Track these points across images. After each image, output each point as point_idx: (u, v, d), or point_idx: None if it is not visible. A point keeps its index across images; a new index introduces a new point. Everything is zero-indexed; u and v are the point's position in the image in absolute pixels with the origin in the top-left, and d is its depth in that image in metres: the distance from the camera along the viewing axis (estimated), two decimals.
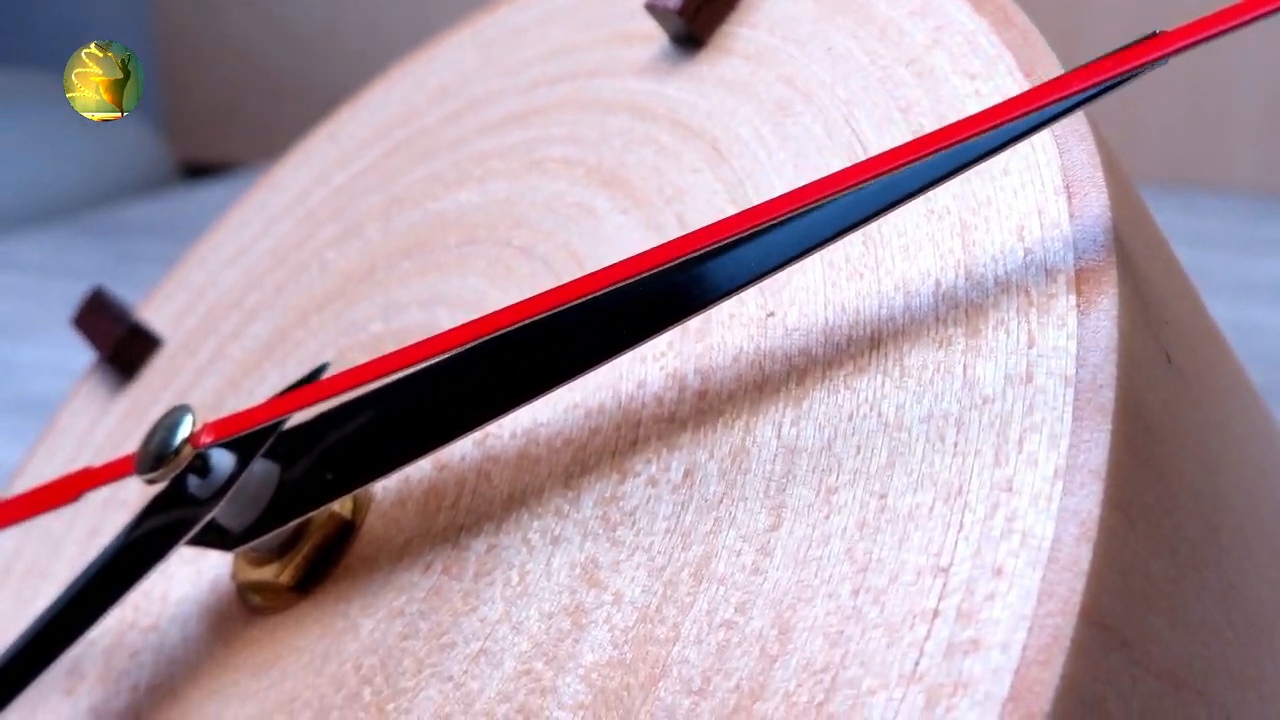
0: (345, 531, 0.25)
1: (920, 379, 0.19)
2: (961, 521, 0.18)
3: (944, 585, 0.17)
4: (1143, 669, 0.17)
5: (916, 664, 0.17)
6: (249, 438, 0.25)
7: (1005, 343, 0.19)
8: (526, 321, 0.23)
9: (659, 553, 0.20)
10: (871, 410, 0.20)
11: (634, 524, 0.21)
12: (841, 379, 0.20)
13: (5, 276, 0.85)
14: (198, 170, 1.20)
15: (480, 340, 0.23)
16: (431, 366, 0.24)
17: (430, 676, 0.22)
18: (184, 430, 0.24)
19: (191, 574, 0.28)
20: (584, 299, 0.23)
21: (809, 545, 0.19)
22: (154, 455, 0.24)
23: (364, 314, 0.30)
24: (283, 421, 0.25)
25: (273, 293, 0.33)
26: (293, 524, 0.25)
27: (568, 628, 0.21)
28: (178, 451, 0.24)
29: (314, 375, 0.25)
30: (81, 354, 0.63)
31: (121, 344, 0.35)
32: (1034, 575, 0.16)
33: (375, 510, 0.25)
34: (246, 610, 0.26)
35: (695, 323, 0.23)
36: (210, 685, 0.25)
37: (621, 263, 0.20)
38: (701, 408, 0.22)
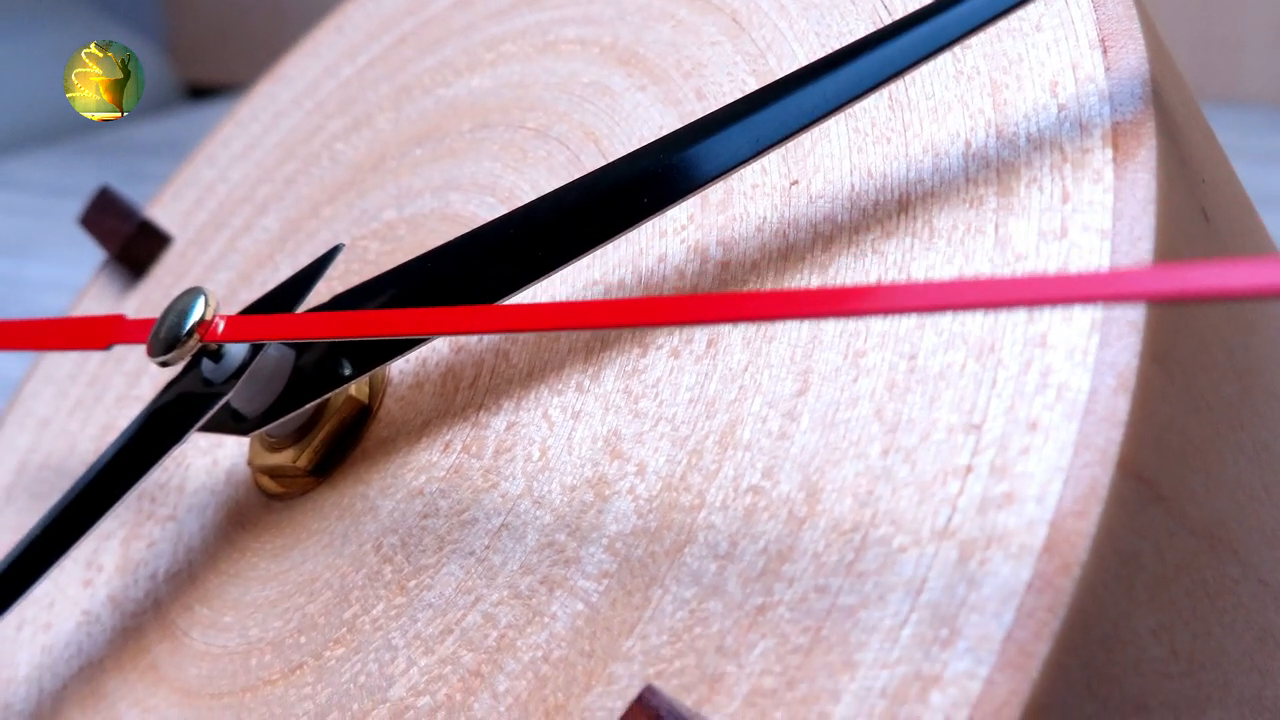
0: (362, 415, 0.25)
1: (950, 240, 0.19)
2: (994, 378, 0.17)
3: (977, 441, 0.17)
4: (1179, 524, 0.17)
5: (949, 520, 0.16)
6: None
7: (1039, 200, 0.18)
8: (544, 196, 0.23)
9: (683, 423, 0.20)
10: (900, 273, 0.19)
11: (657, 395, 0.21)
12: (869, 244, 0.20)
13: (12, 195, 0.85)
14: (201, 91, 1.19)
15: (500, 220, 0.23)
16: (448, 244, 0.23)
17: (452, 553, 0.21)
18: (196, 313, 0.24)
19: (207, 464, 0.28)
20: (601, 171, 0.22)
21: (837, 408, 0.18)
22: (166, 340, 0.24)
23: (376, 203, 0.29)
24: (294, 308, 0.25)
25: (283, 185, 0.33)
26: (309, 407, 0.25)
27: (590, 499, 0.20)
28: (190, 335, 0.24)
29: (329, 256, 0.25)
30: (88, 271, 0.63)
31: (130, 242, 0.35)
32: (1070, 427, 0.16)
33: (392, 394, 0.25)
34: (264, 497, 0.26)
35: (717, 194, 0.22)
36: (229, 570, 0.25)
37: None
38: (724, 279, 0.21)
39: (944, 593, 0.16)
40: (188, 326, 0.24)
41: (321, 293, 0.26)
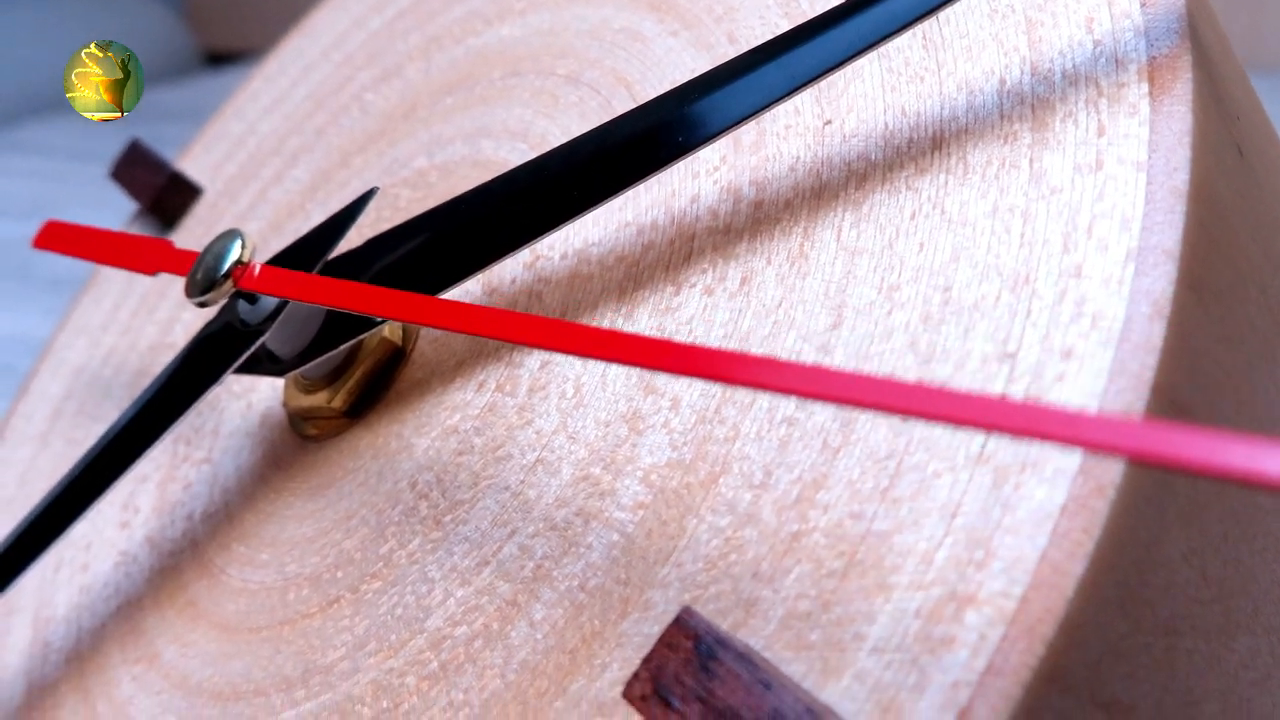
0: (396, 357, 0.25)
1: (985, 175, 0.19)
2: (1029, 309, 0.17)
3: (1011, 370, 0.17)
4: None
5: (984, 446, 0.17)
6: (297, 265, 0.25)
7: (1074, 134, 0.18)
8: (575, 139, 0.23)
9: None
10: (934, 208, 0.19)
11: (690, 332, 0.21)
12: (903, 180, 0.20)
13: (33, 160, 0.85)
14: (219, 58, 1.19)
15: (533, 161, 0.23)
16: (483, 186, 0.23)
17: (487, 488, 0.22)
18: (233, 255, 0.24)
19: (242, 408, 0.28)
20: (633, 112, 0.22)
21: (871, 341, 0.19)
22: (202, 282, 0.24)
23: (407, 151, 0.30)
24: (329, 250, 0.25)
25: (313, 136, 0.33)
26: (343, 348, 0.25)
27: (625, 434, 0.21)
28: (226, 277, 0.24)
29: (363, 200, 0.25)
30: None
31: (162, 194, 0.35)
32: (1105, 355, 0.16)
33: (425, 335, 0.25)
34: (298, 438, 0.26)
35: (750, 135, 0.23)
36: (266, 509, 0.26)
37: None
38: (758, 218, 0.22)
39: (979, 516, 0.16)
40: (224, 269, 0.24)
41: (352, 239, 0.27)
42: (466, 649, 0.20)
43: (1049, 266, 0.18)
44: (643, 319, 0.22)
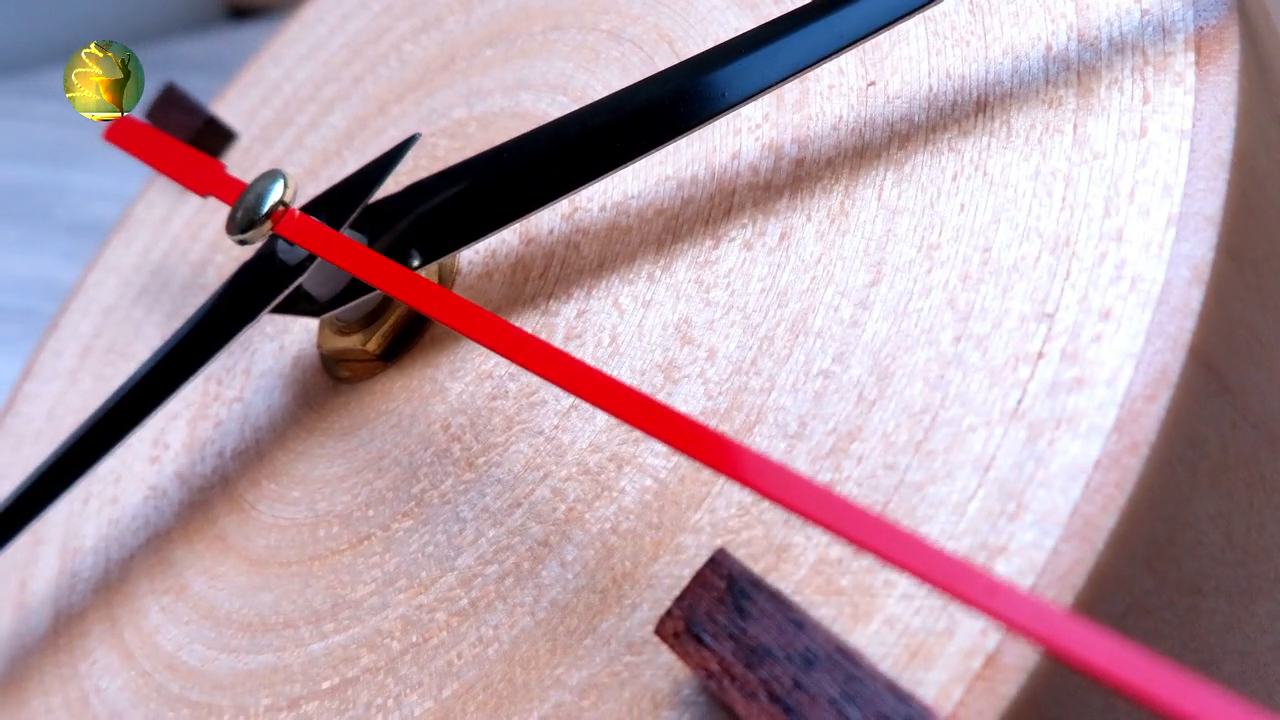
0: None
1: (1028, 139, 0.19)
2: (1068, 270, 0.18)
3: (1049, 329, 0.17)
4: (1242, 417, 0.17)
5: (1019, 402, 0.17)
6: (336, 209, 0.25)
7: (1119, 101, 0.19)
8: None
9: (754, 311, 0.21)
10: (976, 170, 0.20)
11: (729, 285, 0.21)
12: (945, 142, 0.20)
13: (58, 106, 0.85)
14: (243, 12, 1.19)
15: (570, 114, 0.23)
16: (524, 136, 0.24)
17: (521, 432, 0.22)
18: (274, 195, 0.24)
19: (274, 350, 0.29)
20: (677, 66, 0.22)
21: (909, 298, 0.19)
22: (243, 220, 0.24)
23: (445, 101, 0.30)
24: (368, 197, 0.25)
25: (350, 84, 0.33)
26: (378, 293, 0.25)
27: (660, 382, 0.21)
28: (266, 217, 0.24)
29: (404, 146, 0.25)
30: (132, 181, 0.63)
31: (196, 136, 0.35)
32: (1143, 316, 0.17)
33: (461, 284, 0.26)
34: (331, 380, 0.27)
35: (793, 94, 0.23)
36: (297, 448, 0.26)
37: None
38: (799, 175, 0.22)
39: (1012, 470, 0.16)
40: (265, 209, 0.24)
41: (389, 187, 0.27)
42: (497, 587, 0.21)
43: (1090, 230, 0.18)
44: (680, 271, 0.22)
